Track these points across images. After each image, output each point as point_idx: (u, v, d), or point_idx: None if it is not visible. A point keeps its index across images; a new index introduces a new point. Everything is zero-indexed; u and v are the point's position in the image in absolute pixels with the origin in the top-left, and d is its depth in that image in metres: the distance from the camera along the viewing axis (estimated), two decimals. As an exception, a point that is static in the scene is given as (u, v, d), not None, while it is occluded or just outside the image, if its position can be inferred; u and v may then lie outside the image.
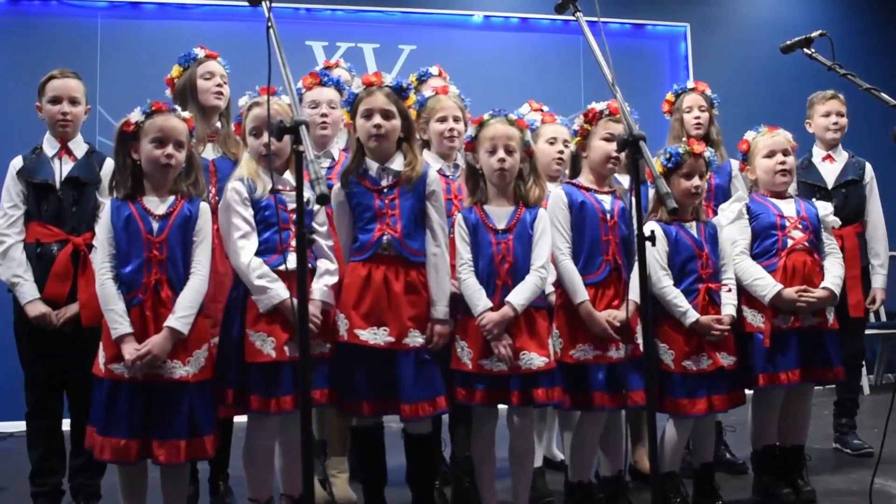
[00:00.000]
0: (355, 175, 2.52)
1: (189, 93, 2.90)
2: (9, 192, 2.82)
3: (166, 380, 2.28)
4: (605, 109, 2.70)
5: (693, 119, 3.39)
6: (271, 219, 2.41)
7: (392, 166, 2.51)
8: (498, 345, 2.45)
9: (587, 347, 2.59)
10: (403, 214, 2.47)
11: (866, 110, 3.56)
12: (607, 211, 2.66)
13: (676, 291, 2.72)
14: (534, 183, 2.61)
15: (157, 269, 2.32)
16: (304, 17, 5.43)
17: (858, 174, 3.63)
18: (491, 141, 2.54)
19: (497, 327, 2.45)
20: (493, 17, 5.72)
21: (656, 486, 2.05)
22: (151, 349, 2.25)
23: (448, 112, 2.92)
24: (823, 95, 3.69)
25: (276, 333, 2.34)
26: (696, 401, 2.69)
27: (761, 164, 3.00)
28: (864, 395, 5.21)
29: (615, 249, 2.63)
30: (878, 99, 2.33)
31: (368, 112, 2.50)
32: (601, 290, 2.61)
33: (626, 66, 5.17)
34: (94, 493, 2.84)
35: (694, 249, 2.77)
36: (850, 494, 2.99)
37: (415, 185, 2.49)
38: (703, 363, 2.71)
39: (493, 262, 2.52)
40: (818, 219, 2.97)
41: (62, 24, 5.04)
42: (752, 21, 6.13)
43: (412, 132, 2.59)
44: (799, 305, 2.82)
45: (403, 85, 2.56)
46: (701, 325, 2.70)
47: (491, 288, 2.51)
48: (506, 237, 2.54)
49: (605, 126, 2.68)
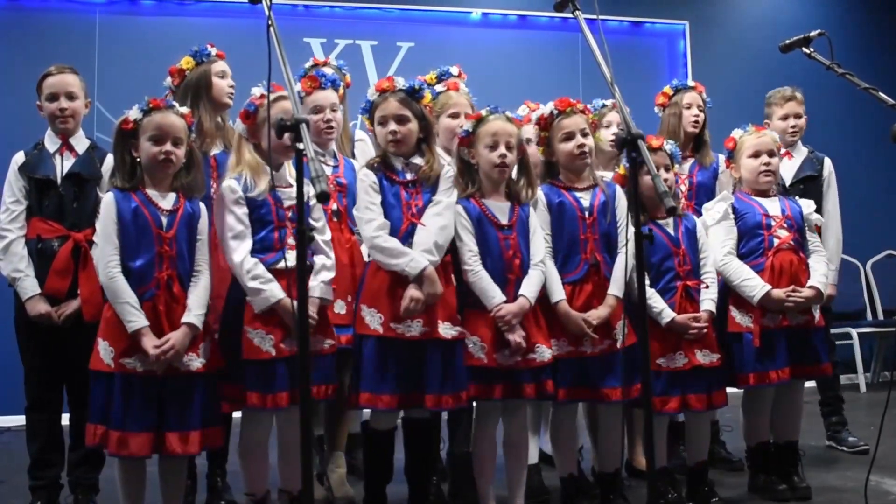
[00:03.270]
0: (382, 167, 2.56)
1: (203, 88, 2.91)
2: (11, 188, 2.82)
3: (182, 372, 2.30)
4: (553, 111, 2.71)
5: (692, 116, 3.39)
6: (267, 217, 2.42)
7: (415, 161, 2.56)
8: (514, 336, 2.47)
9: (560, 343, 2.60)
10: (427, 207, 2.52)
11: (863, 110, 3.59)
12: (585, 208, 2.67)
13: (652, 291, 2.71)
14: (525, 181, 2.63)
15: (168, 264, 2.33)
16: (302, 13, 5.43)
17: (816, 170, 3.61)
18: (493, 137, 2.55)
19: (516, 318, 2.47)
20: (492, 14, 5.73)
21: (652, 482, 2.06)
22: (175, 344, 2.26)
23: (461, 109, 2.96)
24: (782, 96, 3.65)
25: (274, 332, 2.36)
26: (669, 398, 2.69)
27: (746, 163, 3.00)
28: (861, 392, 5.24)
29: (594, 247, 2.64)
30: (876, 98, 2.33)
31: (383, 119, 2.55)
32: (579, 288, 2.63)
33: (625, 64, 5.18)
34: (92, 487, 2.84)
35: (670, 247, 2.77)
36: (846, 491, 3.00)
37: (433, 183, 2.54)
38: (678, 361, 2.70)
39: (503, 257, 2.53)
40: (802, 217, 2.98)
41: (60, 20, 5.04)
42: (750, 19, 6.14)
43: (430, 132, 2.62)
44: (788, 305, 2.83)
45: (416, 87, 2.58)
46: (677, 325, 2.70)
47: (503, 282, 2.52)
48: (511, 233, 2.56)
49: (559, 127, 2.69)
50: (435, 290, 2.42)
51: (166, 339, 2.27)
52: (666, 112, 3.46)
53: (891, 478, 3.11)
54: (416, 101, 2.57)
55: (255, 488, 2.49)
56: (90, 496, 2.83)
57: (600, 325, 2.59)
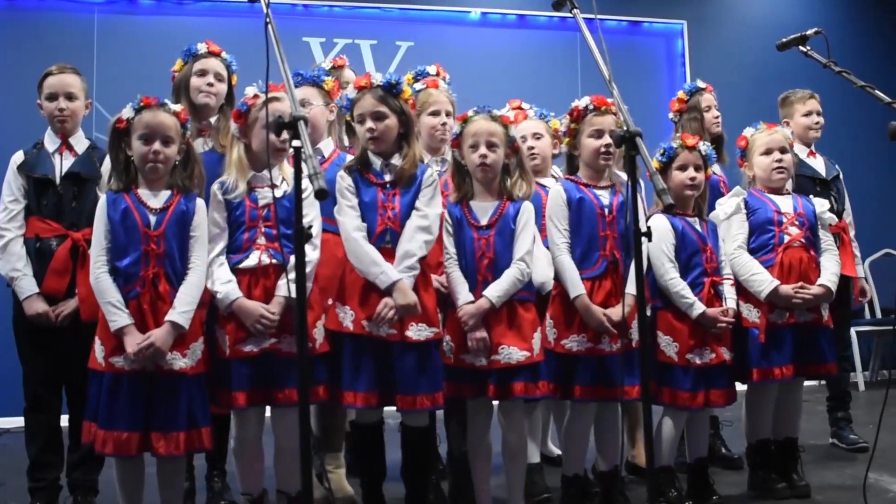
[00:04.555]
0: (359, 168, 2.54)
1: (182, 88, 2.92)
2: (9, 187, 2.82)
3: (166, 372, 2.29)
4: (588, 105, 2.71)
5: (713, 118, 3.45)
6: (241, 218, 2.42)
7: (394, 162, 2.53)
8: (473, 337, 2.47)
9: (580, 338, 2.60)
10: (403, 209, 2.49)
11: (860, 109, 3.60)
12: (605, 206, 2.67)
13: (683, 283, 2.74)
14: (520, 178, 2.62)
15: (155, 262, 2.33)
16: (302, 13, 5.43)
17: (837, 170, 3.69)
18: (473, 137, 2.55)
19: (472, 319, 2.47)
20: (491, 13, 5.73)
21: (653, 480, 2.07)
22: (154, 341, 2.26)
23: (441, 106, 2.94)
24: (802, 95, 3.71)
25: (230, 332, 2.37)
26: (697, 394, 2.72)
27: (758, 161, 3.02)
28: (860, 391, 5.25)
29: (613, 244, 2.64)
30: (872, 96, 2.33)
31: (361, 117, 2.53)
32: (598, 283, 2.63)
33: (623, 63, 5.19)
34: (91, 488, 2.84)
35: (699, 243, 2.80)
36: (845, 489, 3.00)
37: (411, 181, 2.51)
38: (706, 357, 2.73)
39: (473, 257, 2.54)
40: (815, 215, 2.99)
41: (59, 19, 5.04)
42: (748, 18, 6.14)
43: (410, 127, 2.59)
44: (795, 302, 2.84)
45: (393, 81, 2.55)
46: (707, 318, 2.72)
47: (472, 283, 2.52)
48: (487, 233, 2.55)
49: (590, 122, 2.69)
50: (407, 302, 2.40)
51: (147, 336, 2.26)
52: (685, 117, 3.48)
53: (889, 475, 3.11)
54: (394, 97, 2.54)
55: (250, 488, 2.49)
56: (89, 497, 2.82)
57: (618, 324, 2.58)
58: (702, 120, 3.43)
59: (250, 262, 2.39)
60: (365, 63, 5.35)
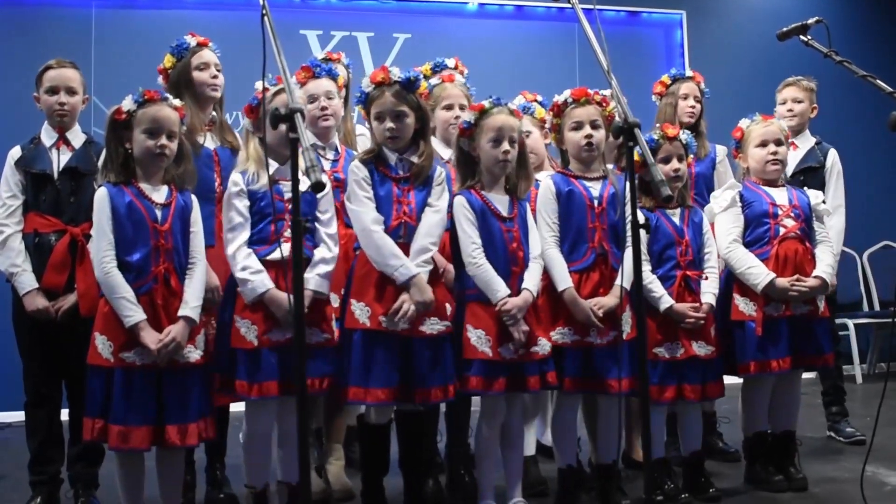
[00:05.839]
0: (374, 161, 2.54)
1: (184, 84, 2.84)
2: (7, 182, 2.81)
3: (181, 365, 2.31)
4: (567, 98, 2.71)
5: (688, 107, 3.38)
6: (266, 209, 2.42)
7: (412, 158, 2.54)
8: (517, 330, 2.47)
9: (566, 331, 2.61)
10: (418, 204, 2.51)
11: (861, 98, 3.58)
12: (595, 198, 2.67)
13: (652, 277, 2.74)
14: (523, 174, 2.63)
15: (165, 257, 2.34)
16: (299, 5, 5.41)
17: (819, 161, 3.59)
18: (497, 131, 2.54)
19: (521, 313, 2.48)
20: (489, 4, 5.70)
21: (650, 473, 2.07)
22: (175, 336, 2.27)
23: (454, 100, 2.95)
24: (784, 82, 3.68)
25: (258, 322, 2.37)
26: (665, 388, 2.71)
27: (753, 153, 3.00)
28: (857, 384, 5.25)
29: (602, 236, 2.65)
30: (873, 86, 2.32)
31: (380, 115, 2.52)
32: (586, 276, 2.63)
33: (622, 54, 5.18)
34: (92, 482, 2.84)
35: (674, 236, 2.78)
36: (842, 482, 3.01)
37: (426, 177, 2.53)
38: (676, 351, 2.72)
39: (507, 249, 2.54)
40: (810, 207, 2.98)
41: (56, 14, 5.02)
42: (748, 8, 6.12)
43: (426, 123, 2.60)
44: (791, 294, 2.84)
45: (412, 78, 2.55)
46: (675, 312, 2.71)
47: (507, 276, 2.52)
48: (513, 225, 2.56)
49: (570, 115, 2.70)
50: (424, 298, 2.42)
51: (167, 332, 2.28)
52: (662, 101, 3.45)
53: (887, 468, 3.12)
54: (411, 93, 2.54)
55: (255, 480, 2.50)
56: (90, 491, 2.83)
57: (606, 316, 2.59)
58: (675, 106, 3.38)
59: (277, 255, 2.39)
60: (362, 55, 5.33)
